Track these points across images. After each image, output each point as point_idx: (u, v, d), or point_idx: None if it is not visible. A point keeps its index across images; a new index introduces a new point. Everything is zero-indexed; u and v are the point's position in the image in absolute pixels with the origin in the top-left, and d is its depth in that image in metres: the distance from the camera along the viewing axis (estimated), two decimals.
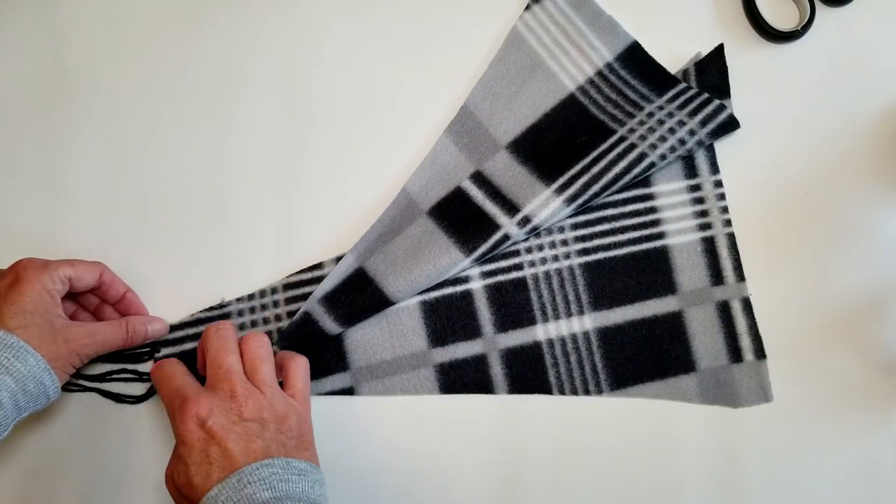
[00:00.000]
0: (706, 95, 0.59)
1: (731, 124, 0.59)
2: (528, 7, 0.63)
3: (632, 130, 0.58)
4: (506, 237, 0.57)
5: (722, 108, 0.58)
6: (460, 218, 0.58)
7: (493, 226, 0.57)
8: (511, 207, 0.57)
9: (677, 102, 0.59)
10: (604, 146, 0.58)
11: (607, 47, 0.62)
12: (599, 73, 0.62)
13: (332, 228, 0.60)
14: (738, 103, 0.61)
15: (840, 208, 0.60)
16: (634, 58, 0.62)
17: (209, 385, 0.49)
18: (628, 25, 0.62)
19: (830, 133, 0.61)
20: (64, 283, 0.52)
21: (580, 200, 0.57)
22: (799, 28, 0.62)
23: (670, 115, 0.59)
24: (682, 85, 0.60)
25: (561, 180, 0.57)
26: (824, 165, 0.61)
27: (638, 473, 0.57)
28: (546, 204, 0.57)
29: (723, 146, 0.61)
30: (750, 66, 0.62)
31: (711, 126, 0.58)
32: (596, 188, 0.57)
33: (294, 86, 0.62)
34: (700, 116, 0.58)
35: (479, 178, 0.59)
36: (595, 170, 0.57)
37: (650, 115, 0.59)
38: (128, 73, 0.62)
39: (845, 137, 0.61)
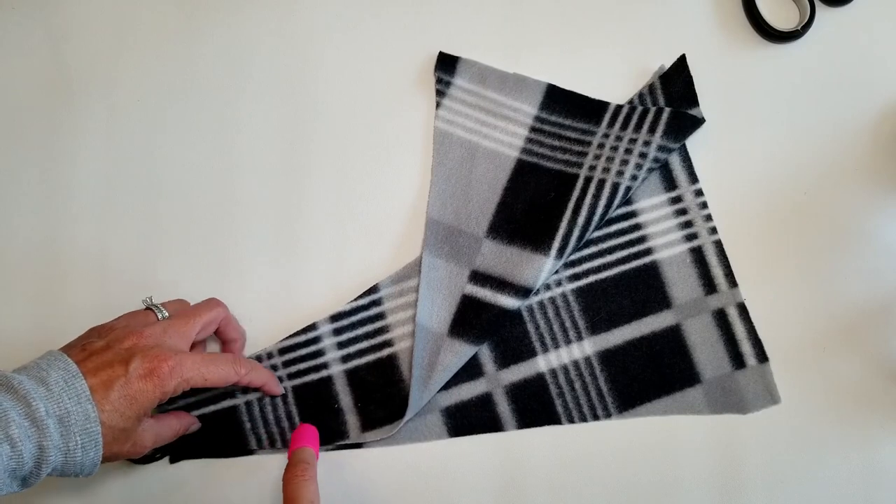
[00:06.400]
0: (641, 108, 0.59)
1: (684, 120, 0.59)
2: (438, 105, 0.62)
3: (592, 167, 0.59)
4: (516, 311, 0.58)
5: (661, 110, 0.59)
6: (480, 325, 0.57)
7: (506, 314, 0.57)
8: (518, 290, 0.57)
9: (618, 123, 0.60)
10: (576, 193, 0.58)
11: (527, 103, 0.62)
12: (533, 129, 0.61)
13: (337, 229, 0.60)
14: (738, 103, 0.61)
15: (840, 209, 0.60)
16: (556, 99, 0.62)
17: None
18: (628, 27, 0.63)
19: (830, 133, 0.61)
20: (185, 390, 0.51)
21: (571, 248, 0.57)
22: (799, 28, 0.62)
23: (618, 137, 0.59)
24: (613, 105, 0.61)
25: (555, 245, 0.57)
26: (824, 166, 0.61)
27: (639, 473, 0.56)
28: (550, 268, 0.57)
29: (721, 147, 0.61)
30: (750, 66, 0.62)
31: (661, 129, 0.58)
32: (588, 233, 0.58)
33: (296, 85, 0.63)
34: (646, 126, 0.58)
35: (479, 277, 0.58)
36: (580, 220, 0.57)
37: (600, 145, 0.59)
38: (128, 73, 0.63)
39: (845, 138, 0.61)
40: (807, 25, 0.62)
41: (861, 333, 0.58)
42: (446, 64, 0.62)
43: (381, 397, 0.57)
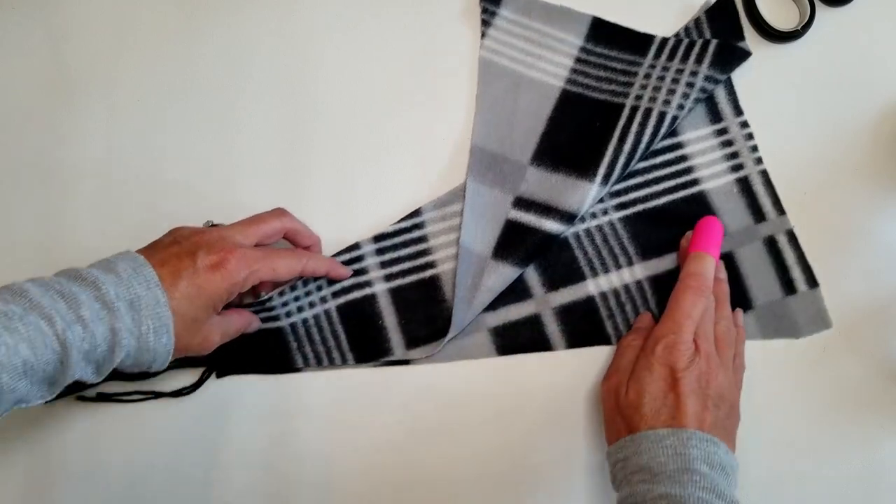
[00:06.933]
0: (687, 40, 0.60)
1: (731, 52, 0.59)
2: (483, 35, 0.63)
3: (638, 97, 0.59)
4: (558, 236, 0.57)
5: (708, 42, 0.59)
6: (524, 248, 0.56)
7: (551, 238, 0.57)
8: (563, 215, 0.56)
9: (664, 55, 0.60)
10: (622, 122, 0.58)
11: (572, 34, 0.62)
12: (578, 60, 0.62)
13: (340, 229, 0.59)
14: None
15: (840, 209, 0.60)
16: (601, 31, 0.62)
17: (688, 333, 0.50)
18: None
19: (830, 133, 0.61)
20: (256, 283, 0.50)
21: (617, 176, 0.57)
22: (799, 28, 0.62)
23: (665, 68, 0.59)
24: (659, 38, 0.61)
25: (601, 172, 0.56)
26: (824, 166, 0.61)
27: None
28: (595, 195, 0.57)
29: None
30: (750, 66, 0.62)
31: (708, 60, 0.58)
32: (634, 162, 0.58)
33: (296, 85, 0.62)
34: (693, 57, 0.59)
35: (523, 203, 0.58)
36: (626, 148, 0.57)
37: (647, 76, 0.60)
38: (128, 73, 0.62)
39: (845, 137, 0.61)
40: (807, 25, 0.62)
41: (861, 333, 0.58)
42: None
43: (423, 316, 0.56)
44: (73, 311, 0.42)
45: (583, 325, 0.57)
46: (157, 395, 0.54)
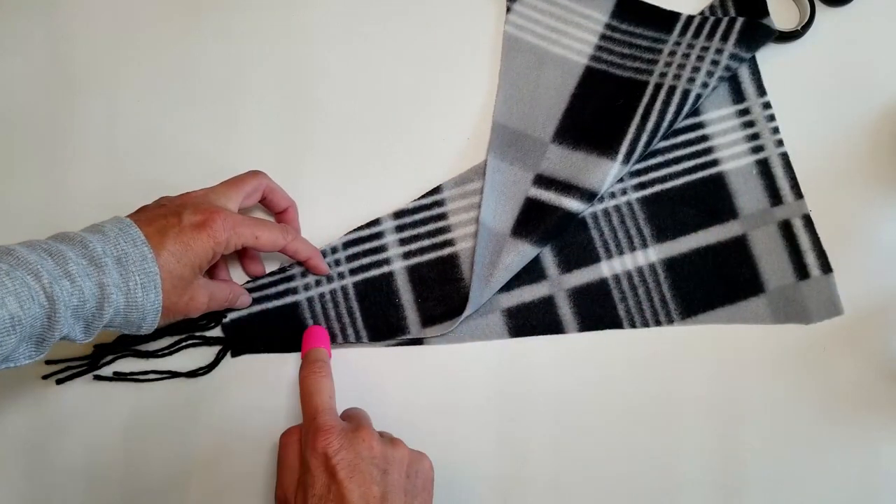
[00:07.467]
0: (712, 18, 0.59)
1: (757, 29, 0.58)
2: (508, 10, 0.62)
3: (662, 74, 0.58)
4: (577, 214, 0.57)
5: (734, 19, 0.58)
6: (543, 227, 0.56)
7: (570, 216, 0.56)
8: (583, 193, 0.56)
9: (690, 32, 0.59)
10: (645, 100, 0.57)
11: (598, 11, 0.62)
12: (603, 37, 0.61)
13: (338, 233, 0.59)
14: None
15: (840, 209, 0.59)
16: (627, 9, 0.62)
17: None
18: None
19: (830, 133, 0.61)
20: (238, 248, 0.51)
21: (638, 155, 0.57)
22: (799, 28, 0.61)
23: (690, 45, 0.58)
24: (685, 15, 0.60)
25: (623, 150, 0.56)
26: (824, 166, 0.60)
27: (636, 473, 0.56)
28: (616, 173, 0.56)
29: None
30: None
31: (734, 37, 0.58)
32: (656, 140, 0.57)
33: (296, 86, 0.61)
34: (718, 35, 0.58)
35: (543, 180, 0.58)
36: (649, 126, 0.56)
37: (672, 53, 0.59)
38: (128, 73, 0.62)
39: (845, 137, 0.60)
40: (807, 25, 0.61)
41: (861, 333, 0.58)
42: None
43: (440, 294, 0.57)
44: (60, 266, 0.43)
45: (595, 308, 0.57)
46: (174, 374, 0.56)
